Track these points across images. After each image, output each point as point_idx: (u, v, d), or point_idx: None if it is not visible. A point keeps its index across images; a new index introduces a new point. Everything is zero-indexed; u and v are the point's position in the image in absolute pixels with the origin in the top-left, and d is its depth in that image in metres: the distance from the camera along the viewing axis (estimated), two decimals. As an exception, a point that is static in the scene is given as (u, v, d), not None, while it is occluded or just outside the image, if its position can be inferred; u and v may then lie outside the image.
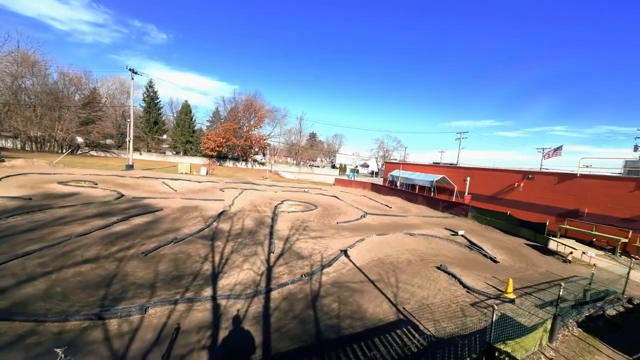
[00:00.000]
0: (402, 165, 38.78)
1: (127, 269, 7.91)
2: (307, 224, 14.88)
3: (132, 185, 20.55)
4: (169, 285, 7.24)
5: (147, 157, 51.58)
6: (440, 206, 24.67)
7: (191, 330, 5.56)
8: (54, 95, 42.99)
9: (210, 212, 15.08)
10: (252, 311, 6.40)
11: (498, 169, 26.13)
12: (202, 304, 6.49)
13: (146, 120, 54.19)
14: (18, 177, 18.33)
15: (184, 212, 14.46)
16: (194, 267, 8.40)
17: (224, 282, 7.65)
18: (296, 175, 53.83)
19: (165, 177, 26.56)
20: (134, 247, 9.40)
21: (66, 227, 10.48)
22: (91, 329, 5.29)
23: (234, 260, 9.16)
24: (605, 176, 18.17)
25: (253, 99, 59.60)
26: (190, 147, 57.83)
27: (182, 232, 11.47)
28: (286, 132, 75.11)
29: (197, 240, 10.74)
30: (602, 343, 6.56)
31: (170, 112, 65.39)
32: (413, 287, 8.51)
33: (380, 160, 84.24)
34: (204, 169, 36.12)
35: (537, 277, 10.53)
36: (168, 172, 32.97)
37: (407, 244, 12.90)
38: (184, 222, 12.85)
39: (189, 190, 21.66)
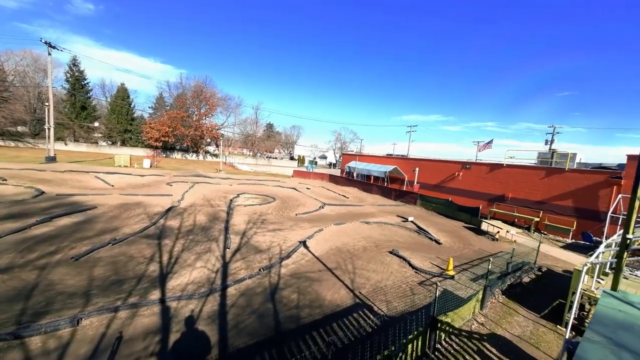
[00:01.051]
0: (359, 157, 40.28)
1: (53, 277, 6.83)
2: (265, 217, 14.59)
3: (55, 181, 17.60)
4: (108, 292, 6.46)
5: (74, 148, 44.59)
6: (393, 195, 26.37)
7: (136, 338, 5.08)
8: None
9: (156, 208, 13.77)
10: (206, 310, 6.09)
11: (442, 160, 28.82)
12: (148, 309, 5.95)
13: (71, 104, 46.49)
14: None
15: (124, 210, 12.95)
16: (138, 270, 7.63)
17: (175, 283, 7.11)
18: (253, 167, 52.08)
19: (99, 171, 23.35)
20: (61, 252, 8.14)
21: (-37, 233, 8.57)
22: (5, 350, 4.47)
23: (185, 259, 8.55)
24: (524, 166, 21.37)
25: (203, 85, 55.30)
26: (129, 136, 51.55)
27: (122, 231, 10.28)
28: (241, 122, 71.86)
29: (141, 239, 9.74)
30: (520, 305, 7.82)
31: (103, 97, 57.23)
32: (368, 272, 9.00)
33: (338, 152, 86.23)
34: (147, 161, 32.65)
35: (472, 254, 12.02)
36: (103, 165, 29.03)
37: (363, 231, 13.54)
38: (124, 221, 11.52)
39: (130, 185, 19.43)
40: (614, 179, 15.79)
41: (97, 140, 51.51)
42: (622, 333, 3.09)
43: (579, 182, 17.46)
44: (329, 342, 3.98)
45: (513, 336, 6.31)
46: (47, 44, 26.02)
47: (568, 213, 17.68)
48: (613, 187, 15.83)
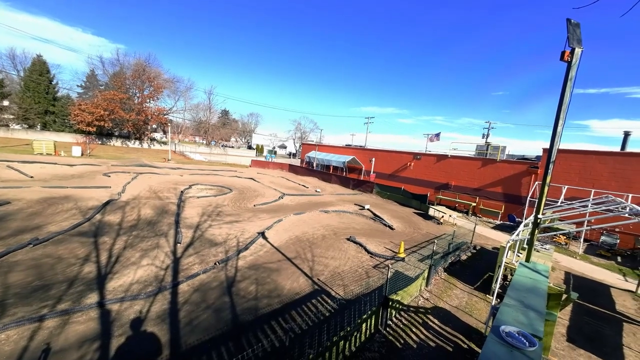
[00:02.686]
0: (318, 147, 40.53)
1: (-51, 288, 5.63)
2: (221, 209, 13.93)
3: (-51, 171, 14.31)
4: (29, 299, 5.57)
5: (-24, 132, 36.61)
6: (351, 184, 27.29)
7: (69, 348, 4.51)
8: None
9: (90, 202, 12.15)
10: (155, 310, 5.66)
11: (395, 151, 30.58)
12: (83, 314, 5.30)
13: (-32, 77, 37.70)
14: None
15: (48, 205, 11.16)
16: (69, 272, 6.70)
17: (116, 284, 6.43)
18: (207, 156, 48.92)
19: (13, 160, 19.62)
20: (-39, 258, 6.72)
21: None
22: None
23: (128, 257, 7.77)
24: (464, 157, 23.84)
25: (145, 63, 49.41)
26: (52, 119, 44.02)
27: (47, 229, 8.88)
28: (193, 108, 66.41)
29: (72, 238, 8.54)
30: (458, 280, 8.86)
31: (14, 70, 47.56)
32: (327, 259, 9.27)
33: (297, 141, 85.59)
34: (77, 149, 28.38)
35: (420, 237, 13.16)
36: (18, 152, 24.44)
37: (322, 220, 13.82)
38: (48, 218, 9.95)
39: (55, 177, 16.76)
40: (533, 169, 18.56)
41: (7, 122, 42.88)
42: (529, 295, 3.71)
43: (506, 171, 20.14)
44: (287, 329, 4.03)
45: (452, 307, 7.15)
46: None
47: (498, 198, 20.35)
48: (532, 176, 18.62)
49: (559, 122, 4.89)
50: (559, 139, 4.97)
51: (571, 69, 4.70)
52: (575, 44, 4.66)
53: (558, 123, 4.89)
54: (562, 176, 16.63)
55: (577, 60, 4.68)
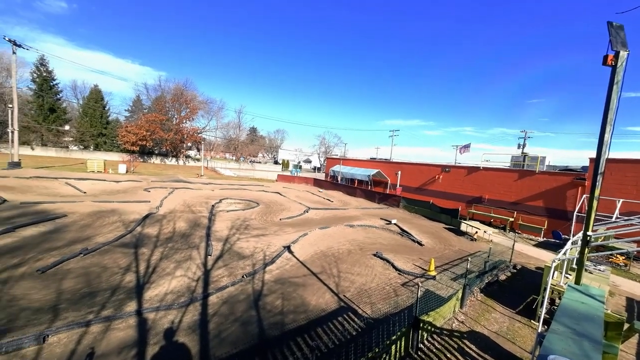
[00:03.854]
0: (343, 161, 40.66)
1: (15, 292, 6.33)
2: (249, 223, 14.34)
3: (19, 188, 16.41)
4: (78, 305, 6.07)
5: (42, 153, 41.89)
6: (376, 198, 26.79)
7: (110, 353, 4.80)
8: None
9: (132, 215, 13.17)
10: (187, 321, 5.87)
11: (423, 164, 29.70)
12: (123, 321, 5.65)
13: (38, 106, 43.78)
14: None
15: (97, 218, 12.28)
16: (113, 281, 7.24)
17: (153, 293, 6.80)
18: (236, 172, 51.14)
19: (70, 177, 22.03)
20: (25, 265, 7.57)
21: None
22: (-43, 375, 4.08)
23: (164, 268, 8.22)
24: (499, 169, 22.46)
25: (183, 87, 53.99)
26: (103, 140, 49.18)
27: (96, 240, 9.74)
28: (224, 126, 70.61)
29: (116, 249, 9.26)
30: (497, 302, 8.15)
31: (75, 98, 54.39)
32: (353, 275, 9.05)
33: (322, 156, 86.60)
34: (123, 167, 31.24)
35: (452, 254, 12.41)
36: (74, 170, 27.44)
37: (348, 235, 13.63)
38: (97, 229, 10.92)
39: (104, 192, 18.48)
40: (579, 180, 16.93)
41: (67, 144, 48.66)
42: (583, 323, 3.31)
43: (548, 184, 18.57)
44: (313, 347, 3.96)
45: (491, 332, 6.56)
46: (11, 42, 24.42)
47: (539, 213, 18.71)
48: (578, 188, 16.96)
49: (606, 130, 4.50)
50: (608, 148, 4.55)
51: (616, 73, 4.36)
52: (620, 47, 4.34)
53: (605, 130, 4.50)
54: (615, 188, 14.96)
55: (622, 63, 4.35)
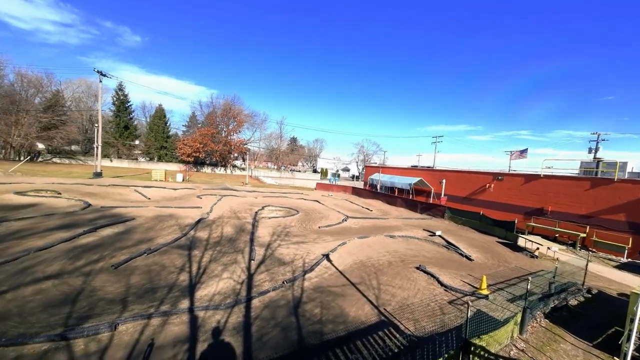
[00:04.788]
0: (382, 169, 39.71)
1: (96, 283, 7.40)
2: (289, 230, 14.75)
3: (100, 194, 19.32)
4: (142, 299, 6.85)
5: (117, 164, 48.83)
6: (419, 208, 25.47)
7: (166, 346, 5.28)
8: (9, 98, 39.59)
9: (187, 220, 14.52)
10: (232, 321, 6.21)
11: (471, 171, 27.51)
12: (178, 317, 6.20)
13: (116, 125, 51.48)
14: (-33, 188, 16.63)
15: (159, 221, 13.81)
16: (170, 279, 8.02)
17: (202, 293, 7.36)
18: (277, 180, 53.30)
19: (138, 185, 25.26)
20: (103, 260, 8.82)
21: (24, 241, 9.64)
22: (53, 351, 4.87)
23: (212, 270, 8.86)
24: (565, 176, 19.71)
25: (231, 103, 58.63)
26: (165, 152, 55.59)
27: (157, 242, 10.93)
28: (266, 137, 74.52)
29: (173, 250, 10.28)
30: (567, 332, 7.04)
31: (143, 117, 62.68)
32: (394, 288, 8.67)
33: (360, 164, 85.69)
34: (180, 176, 34.79)
35: (508, 272, 11.13)
36: (141, 179, 31.40)
37: (388, 245, 13.16)
38: (158, 232, 12.27)
39: (164, 198, 20.75)
40: (676, 190, 14.01)
41: (137, 156, 56.14)
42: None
43: (631, 194, 15.70)
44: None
45: (560, 366, 5.67)
46: (99, 72, 29.36)
47: (621, 228, 15.85)
48: (675, 200, 14.02)
49: None
50: None
51: None
52: None
53: None
54: None
55: None
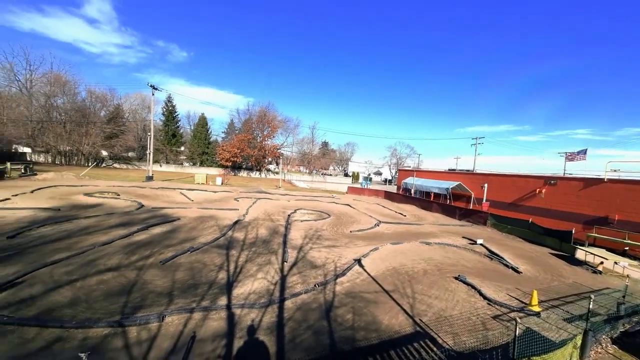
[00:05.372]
0: (416, 173, 38.17)
1: (146, 277, 8.15)
2: (321, 233, 14.84)
3: (151, 196, 21.35)
4: (186, 294, 7.38)
5: (165, 169, 53.56)
6: (457, 214, 23.95)
7: (206, 339, 5.62)
8: (82, 112, 45.85)
9: (225, 221, 15.37)
10: (266, 321, 6.40)
11: (518, 175, 25.19)
12: (217, 313, 6.57)
13: (165, 133, 56.60)
14: (48, 189, 19.50)
15: (200, 222, 14.82)
16: (210, 276, 8.55)
17: (239, 291, 7.72)
18: (309, 184, 54.06)
19: (183, 188, 27.42)
20: (153, 256, 9.70)
21: (90, 236, 11.00)
22: (112, 336, 5.46)
23: (248, 269, 9.25)
24: (636, 180, 17.09)
25: (266, 110, 61.02)
26: (206, 158, 59.67)
27: (198, 241, 11.73)
28: (299, 142, 76.08)
29: (213, 249, 10.94)
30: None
31: (188, 125, 68.05)
32: (430, 298, 8.25)
33: (393, 167, 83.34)
34: (219, 179, 37.02)
35: (565, 289, 9.93)
36: (185, 182, 34.04)
37: (423, 253, 12.57)
38: (200, 232, 13.16)
39: (205, 200, 22.21)
40: None
41: (182, 161, 61.08)
42: None
43: None
44: (386, 370, 3.76)
45: (632, 401, 4.89)
46: (152, 86, 32.69)
47: None
48: None
49: None
50: None
51: None
52: None
53: None
54: None
55: None
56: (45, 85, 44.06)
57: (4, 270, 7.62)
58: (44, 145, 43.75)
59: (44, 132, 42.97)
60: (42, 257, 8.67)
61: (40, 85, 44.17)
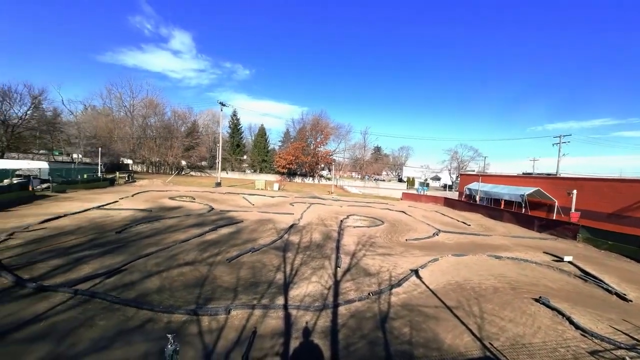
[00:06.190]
0: (482, 177, 34.25)
1: (215, 273, 9.13)
2: (374, 240, 14.47)
3: (219, 200, 23.95)
4: (248, 291, 8.02)
5: (231, 175, 59.51)
6: (536, 225, 20.59)
7: (266, 336, 5.98)
8: (168, 129, 54.68)
9: (281, 224, 16.25)
10: (320, 325, 6.51)
11: (623, 179, 20.49)
12: (275, 312, 6.95)
13: (231, 144, 63.24)
14: (144, 194, 23.63)
15: (260, 224, 15.98)
16: (269, 276, 9.12)
17: (294, 293, 8.03)
18: (361, 189, 53.37)
19: (245, 193, 30.04)
20: (221, 254, 10.82)
21: (173, 234, 12.88)
22: (189, 322, 6.25)
23: (302, 272, 9.57)
24: None
25: (319, 118, 62.99)
26: (265, 165, 64.41)
27: (259, 242, 12.65)
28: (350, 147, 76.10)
29: (271, 250, 11.66)
30: None
31: (249, 136, 74.63)
32: (503, 320, 7.25)
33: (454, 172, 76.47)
34: (276, 185, 39.43)
35: (702, 327, 7.58)
36: (247, 188, 37.22)
37: (493, 268, 11.15)
38: (260, 233, 14.19)
39: (264, 204, 23.88)
40: None
41: (244, 169, 67.12)
42: None
43: None
44: (450, 394, 3.45)
45: None
46: (220, 103, 37.03)
47: None
48: None
49: None
50: None
51: None
52: None
53: None
54: None
55: None
56: (142, 108, 54.07)
57: (114, 259, 9.47)
58: (140, 157, 53.48)
59: (141, 147, 52.52)
60: (138, 249, 10.50)
61: (139, 109, 54.32)
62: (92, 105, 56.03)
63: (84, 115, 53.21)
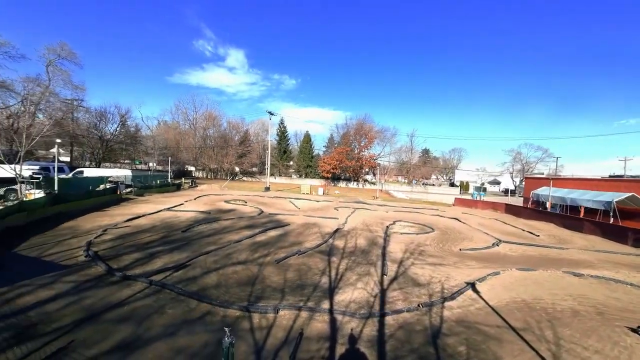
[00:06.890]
0: (554, 181, 29.72)
1: (265, 273, 9.63)
2: (423, 248, 13.64)
3: (268, 204, 25.29)
4: (294, 292, 8.26)
5: (278, 180, 62.44)
6: (630, 238, 17.02)
7: (312, 338, 6.08)
8: (224, 138, 60.16)
9: (326, 229, 16.41)
10: (366, 332, 6.36)
11: None
12: (320, 315, 7.02)
13: (278, 150, 66.56)
14: (204, 198, 26.25)
15: (306, 228, 16.38)
16: (314, 279, 9.27)
17: (339, 298, 8.01)
18: (408, 194, 50.84)
19: (292, 197, 31.18)
20: (269, 255, 11.39)
21: (228, 234, 14.00)
22: (242, 318, 6.70)
23: (348, 278, 9.50)
24: None
25: (363, 122, 62.38)
26: (310, 170, 66.07)
27: (304, 245, 12.97)
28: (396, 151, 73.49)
29: (316, 254, 11.85)
30: None
31: (295, 142, 77.55)
32: (586, 350, 6.13)
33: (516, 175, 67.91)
34: (321, 189, 40.06)
35: None
36: (293, 192, 38.57)
37: (570, 287, 9.55)
38: (305, 237, 14.54)
39: (310, 209, 24.45)
40: None
41: (291, 174, 69.87)
42: None
43: None
44: None
45: None
46: (269, 113, 39.38)
47: None
48: None
49: None
50: None
51: None
52: None
53: None
54: None
55: None
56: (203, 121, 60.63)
57: (180, 255, 10.69)
58: (201, 164, 59.84)
59: (201, 155, 58.78)
60: (200, 247, 11.67)
61: (200, 121, 61.00)
62: (164, 120, 65.35)
63: (158, 129, 62.24)
